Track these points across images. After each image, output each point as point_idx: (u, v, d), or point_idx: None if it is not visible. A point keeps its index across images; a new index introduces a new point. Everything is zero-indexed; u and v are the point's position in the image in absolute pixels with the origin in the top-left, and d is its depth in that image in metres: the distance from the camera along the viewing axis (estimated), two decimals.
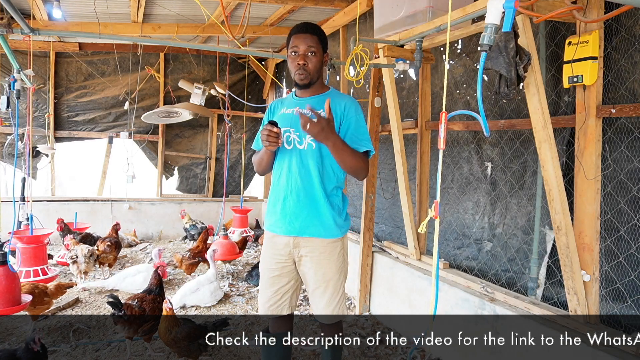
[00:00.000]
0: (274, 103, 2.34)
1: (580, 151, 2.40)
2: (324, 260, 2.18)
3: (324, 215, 2.15)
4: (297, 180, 2.13)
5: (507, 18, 1.90)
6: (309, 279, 2.22)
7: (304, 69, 2.12)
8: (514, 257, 3.06)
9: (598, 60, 2.31)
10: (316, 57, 2.12)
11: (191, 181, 7.58)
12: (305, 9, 4.98)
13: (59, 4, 4.37)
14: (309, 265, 2.19)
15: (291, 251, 2.20)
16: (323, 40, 2.17)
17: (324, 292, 2.19)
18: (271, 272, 2.25)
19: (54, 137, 6.74)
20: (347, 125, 2.12)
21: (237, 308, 4.23)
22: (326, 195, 2.15)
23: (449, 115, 1.77)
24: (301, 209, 2.14)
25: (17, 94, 3.72)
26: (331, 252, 2.19)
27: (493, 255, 3.24)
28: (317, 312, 2.23)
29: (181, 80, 6.62)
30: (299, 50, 2.11)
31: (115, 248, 4.99)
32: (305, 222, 2.15)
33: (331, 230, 2.17)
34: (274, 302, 2.26)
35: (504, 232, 3.16)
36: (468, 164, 3.46)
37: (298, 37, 2.12)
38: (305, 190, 2.13)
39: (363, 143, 2.09)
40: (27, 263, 4.20)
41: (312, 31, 2.14)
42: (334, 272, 2.20)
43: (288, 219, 2.16)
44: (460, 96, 3.52)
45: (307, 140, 2.13)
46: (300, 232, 2.16)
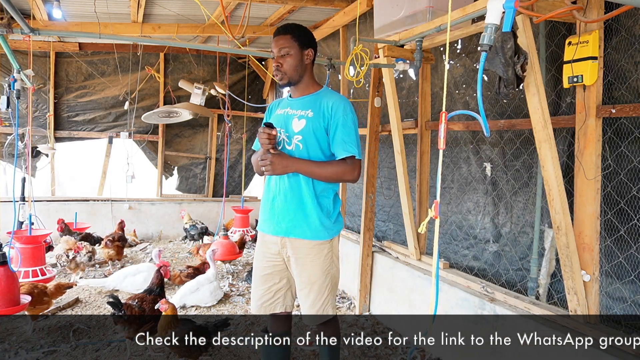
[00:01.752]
0: (273, 103, 2.36)
1: (580, 151, 2.40)
2: (308, 262, 2.16)
3: (310, 216, 2.12)
4: (285, 180, 2.14)
5: (507, 18, 1.90)
6: (296, 279, 2.22)
7: (279, 70, 2.14)
8: (514, 257, 3.06)
9: (598, 60, 2.31)
10: (290, 56, 2.13)
11: (191, 181, 7.58)
12: (305, 9, 4.98)
13: (59, 4, 4.37)
14: (294, 266, 2.19)
15: (280, 251, 2.21)
16: (299, 37, 2.15)
17: (308, 294, 2.18)
18: (262, 270, 2.26)
19: (54, 137, 6.74)
20: (335, 126, 2.09)
21: (237, 308, 4.23)
22: (315, 196, 2.12)
23: (449, 115, 1.77)
24: (288, 210, 2.14)
25: (17, 94, 3.72)
26: (317, 254, 2.15)
27: (493, 255, 3.24)
28: (303, 312, 2.24)
29: (181, 80, 6.62)
30: (274, 52, 2.15)
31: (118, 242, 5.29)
32: (292, 223, 2.14)
33: (318, 232, 2.14)
34: (266, 299, 2.26)
35: (504, 232, 3.16)
36: (467, 164, 3.46)
37: (274, 41, 2.17)
38: (292, 191, 2.13)
39: (347, 147, 2.06)
40: (25, 263, 4.20)
41: (283, 32, 2.15)
42: (318, 275, 2.16)
43: (276, 219, 2.17)
44: (460, 96, 3.52)
45: (295, 141, 2.13)
46: (287, 233, 2.16)
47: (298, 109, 2.17)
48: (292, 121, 2.15)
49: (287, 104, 2.24)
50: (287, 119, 2.17)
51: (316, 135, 2.11)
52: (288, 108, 2.21)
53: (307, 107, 2.15)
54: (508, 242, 3.12)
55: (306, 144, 2.11)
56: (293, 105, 2.20)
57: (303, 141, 2.11)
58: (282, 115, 2.20)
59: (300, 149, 2.12)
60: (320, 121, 2.10)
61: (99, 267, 5.40)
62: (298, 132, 2.12)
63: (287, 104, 2.24)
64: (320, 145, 2.12)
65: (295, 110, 2.18)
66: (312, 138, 2.10)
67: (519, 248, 3.03)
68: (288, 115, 2.18)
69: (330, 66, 3.88)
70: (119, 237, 5.40)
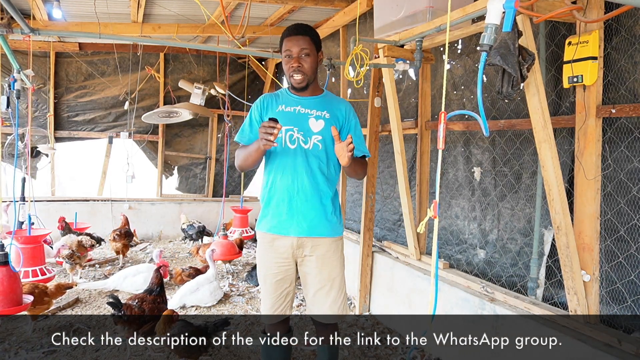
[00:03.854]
0: (265, 98, 2.25)
1: (580, 151, 2.40)
2: (329, 258, 2.20)
3: (329, 213, 2.19)
4: (304, 179, 2.13)
5: (507, 18, 1.90)
6: (312, 279, 2.21)
7: (300, 71, 2.11)
8: (514, 257, 3.06)
9: (598, 60, 2.31)
10: (310, 57, 2.12)
11: (191, 181, 7.58)
12: (305, 9, 4.98)
13: (59, 4, 4.36)
14: (313, 265, 2.19)
15: (294, 252, 2.20)
16: (316, 40, 2.16)
17: (329, 292, 2.20)
18: (274, 276, 2.23)
19: (54, 137, 6.74)
20: (348, 129, 2.21)
21: (237, 308, 4.23)
22: (330, 194, 2.20)
23: (449, 115, 1.77)
24: (309, 209, 2.15)
25: (17, 94, 3.72)
26: (335, 250, 2.23)
27: (493, 255, 3.24)
28: (322, 312, 2.22)
29: (181, 80, 6.62)
30: (293, 53, 2.10)
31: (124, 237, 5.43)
32: (313, 222, 2.16)
33: (336, 229, 2.23)
34: (279, 305, 2.26)
35: (504, 232, 3.16)
36: (467, 164, 3.46)
37: (290, 40, 2.11)
38: (312, 190, 2.14)
39: (362, 148, 2.21)
40: (25, 263, 4.19)
41: (303, 32, 2.13)
42: (338, 271, 2.23)
43: (296, 220, 2.15)
44: (460, 96, 3.52)
45: (314, 140, 2.14)
46: (309, 232, 2.16)
47: (313, 109, 2.17)
48: (308, 120, 2.15)
49: (296, 102, 2.19)
50: (302, 117, 2.15)
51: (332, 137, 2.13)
52: (299, 106, 2.17)
53: (322, 108, 2.18)
54: (508, 242, 3.12)
55: (325, 144, 2.15)
56: (304, 104, 2.18)
57: (322, 141, 2.15)
58: (294, 113, 2.16)
59: (319, 149, 2.15)
60: (336, 124, 2.17)
61: (99, 267, 5.41)
62: (318, 132, 2.15)
63: (296, 102, 2.19)
64: (333, 145, 2.14)
65: (309, 109, 2.17)
66: (330, 139, 2.15)
67: (519, 248, 3.02)
68: (302, 113, 2.16)
69: (330, 66, 3.88)
70: (125, 232, 5.50)
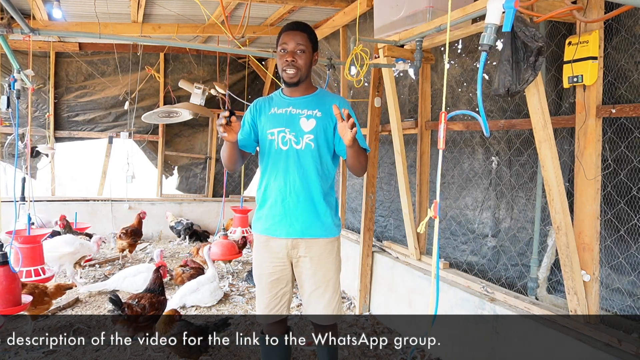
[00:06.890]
0: (259, 102, 2.27)
1: (580, 151, 2.40)
2: (324, 259, 2.18)
3: (323, 215, 2.16)
4: (296, 180, 2.12)
5: (507, 18, 1.90)
6: (307, 280, 2.20)
7: (293, 66, 2.08)
8: (514, 258, 3.06)
9: (598, 60, 2.31)
10: (305, 54, 2.11)
11: (191, 181, 7.58)
12: (305, 9, 4.97)
13: (59, 4, 4.36)
14: (307, 266, 2.18)
15: (289, 252, 2.19)
16: (313, 39, 2.15)
17: (324, 293, 2.19)
18: (269, 276, 2.23)
19: (54, 137, 6.74)
20: None
21: (237, 308, 4.23)
22: (324, 194, 2.17)
23: (449, 115, 1.77)
24: (302, 210, 2.14)
25: (17, 94, 3.71)
26: (330, 251, 2.20)
27: (493, 255, 3.24)
28: (317, 312, 2.22)
29: (181, 80, 6.62)
30: (288, 47, 2.09)
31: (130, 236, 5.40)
32: (306, 224, 2.14)
33: (330, 230, 2.20)
34: (274, 305, 2.25)
35: (504, 232, 3.16)
36: (468, 164, 3.46)
37: (287, 34, 2.10)
38: (304, 191, 2.13)
39: (361, 142, 2.12)
40: (24, 263, 4.19)
41: (301, 29, 2.12)
42: (333, 272, 2.21)
43: (288, 221, 2.15)
44: (459, 96, 3.52)
45: (306, 140, 2.12)
46: (302, 234, 2.15)
47: (303, 109, 2.16)
48: (299, 120, 2.13)
49: (287, 103, 2.19)
50: (293, 118, 2.14)
51: (326, 134, 2.14)
52: (290, 107, 2.17)
53: (313, 107, 2.15)
54: (508, 242, 3.12)
55: (317, 142, 2.13)
56: (295, 105, 2.17)
57: (314, 140, 2.12)
58: (285, 115, 2.16)
59: (311, 148, 2.13)
60: (329, 121, 2.14)
61: (99, 267, 5.41)
62: (309, 131, 2.13)
63: (287, 103, 2.19)
64: (328, 144, 2.16)
65: (299, 109, 2.16)
66: (322, 137, 2.13)
67: (519, 248, 3.03)
68: (293, 114, 2.15)
69: (330, 66, 3.88)
70: (133, 231, 5.45)
